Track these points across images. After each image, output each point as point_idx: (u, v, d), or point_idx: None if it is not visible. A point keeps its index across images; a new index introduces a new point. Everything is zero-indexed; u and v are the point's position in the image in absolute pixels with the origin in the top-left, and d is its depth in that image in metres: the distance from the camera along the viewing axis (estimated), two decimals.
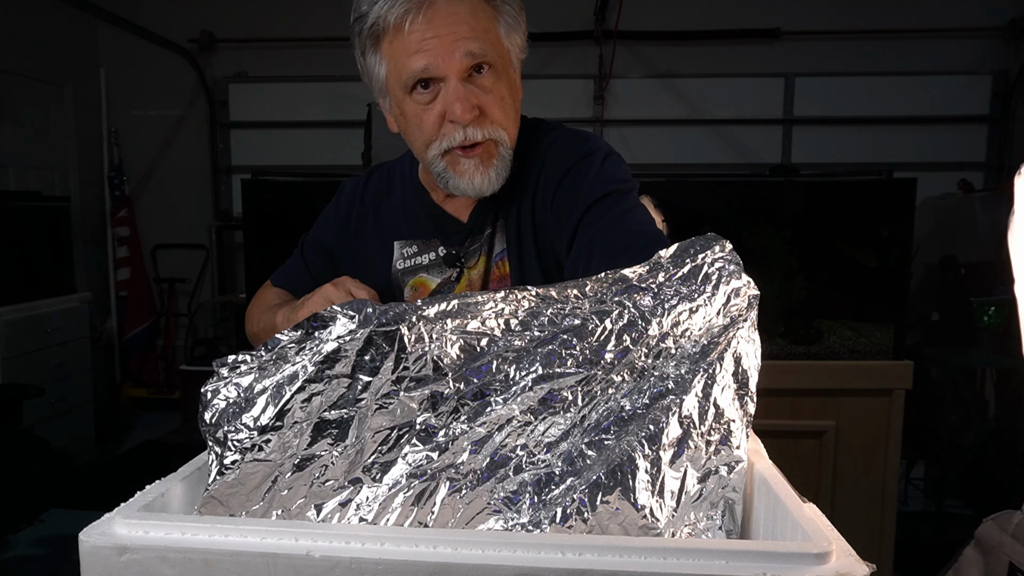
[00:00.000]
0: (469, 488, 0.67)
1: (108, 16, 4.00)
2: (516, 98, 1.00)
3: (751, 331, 0.70)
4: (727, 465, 0.67)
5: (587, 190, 0.98)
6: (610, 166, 1.02)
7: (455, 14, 0.90)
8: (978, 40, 4.29)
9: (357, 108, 3.36)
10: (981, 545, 1.21)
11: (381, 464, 0.67)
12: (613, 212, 0.96)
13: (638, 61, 4.50)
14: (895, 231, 2.59)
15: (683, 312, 0.70)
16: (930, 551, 2.76)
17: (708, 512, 0.66)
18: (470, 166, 0.97)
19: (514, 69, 0.99)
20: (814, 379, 2.37)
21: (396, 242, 1.11)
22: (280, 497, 0.68)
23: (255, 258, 3.04)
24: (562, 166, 1.02)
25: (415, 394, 0.68)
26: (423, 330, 0.68)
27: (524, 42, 0.99)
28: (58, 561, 2.80)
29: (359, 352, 0.67)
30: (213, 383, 0.69)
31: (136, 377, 4.90)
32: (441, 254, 1.08)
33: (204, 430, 0.69)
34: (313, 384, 0.67)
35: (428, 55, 0.90)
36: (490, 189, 0.99)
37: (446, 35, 0.90)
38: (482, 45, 0.92)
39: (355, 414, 0.67)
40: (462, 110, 0.92)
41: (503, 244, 1.05)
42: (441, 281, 1.08)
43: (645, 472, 0.64)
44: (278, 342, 0.69)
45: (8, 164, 4.13)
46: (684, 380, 0.68)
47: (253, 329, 1.11)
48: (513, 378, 0.69)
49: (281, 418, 0.67)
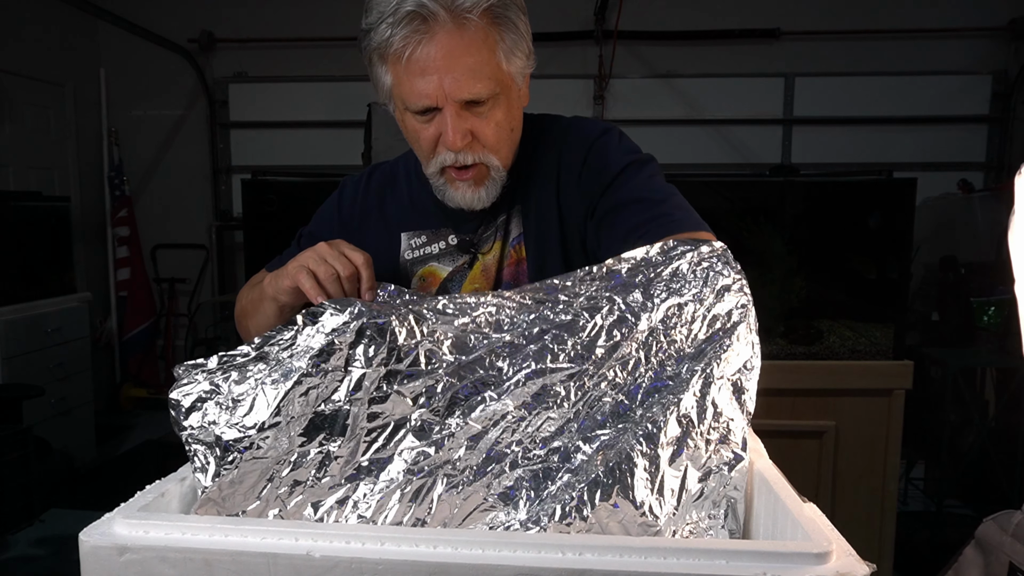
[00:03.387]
0: (466, 484, 0.67)
1: (108, 16, 4.00)
2: (515, 115, 1.02)
3: (748, 331, 0.70)
4: (728, 464, 0.67)
5: (614, 160, 1.04)
6: (628, 140, 1.08)
7: (454, 50, 0.91)
8: (978, 40, 4.28)
9: (357, 108, 3.36)
10: (981, 545, 1.21)
11: (377, 461, 0.67)
12: (640, 176, 1.02)
13: (638, 61, 4.50)
14: (895, 231, 2.60)
15: (671, 307, 0.70)
16: (930, 551, 2.76)
17: (711, 511, 0.66)
18: (462, 186, 1.02)
19: (517, 86, 1.00)
20: (814, 379, 2.37)
21: (403, 233, 1.13)
22: (277, 495, 0.68)
23: (255, 258, 3.04)
24: (583, 145, 1.06)
25: (408, 388, 0.67)
26: (414, 325, 0.68)
27: (528, 58, 0.99)
28: (58, 561, 2.80)
29: (351, 346, 0.67)
30: (179, 388, 0.68)
31: (136, 377, 4.90)
32: (452, 242, 1.10)
33: (187, 435, 0.68)
34: (306, 379, 0.67)
35: (425, 96, 0.93)
36: (481, 205, 1.04)
37: (444, 74, 0.92)
38: (477, 86, 0.93)
39: (349, 410, 0.67)
40: (454, 140, 0.96)
41: (519, 229, 1.08)
42: (453, 269, 1.10)
43: (643, 470, 0.64)
44: (257, 342, 0.69)
45: (8, 164, 4.13)
46: (681, 379, 0.68)
47: (240, 304, 1.11)
48: (506, 373, 0.69)
49: (274, 415, 0.67)
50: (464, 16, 0.90)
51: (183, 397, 0.69)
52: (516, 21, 0.95)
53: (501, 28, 0.94)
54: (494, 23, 0.93)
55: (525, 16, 0.98)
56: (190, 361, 0.70)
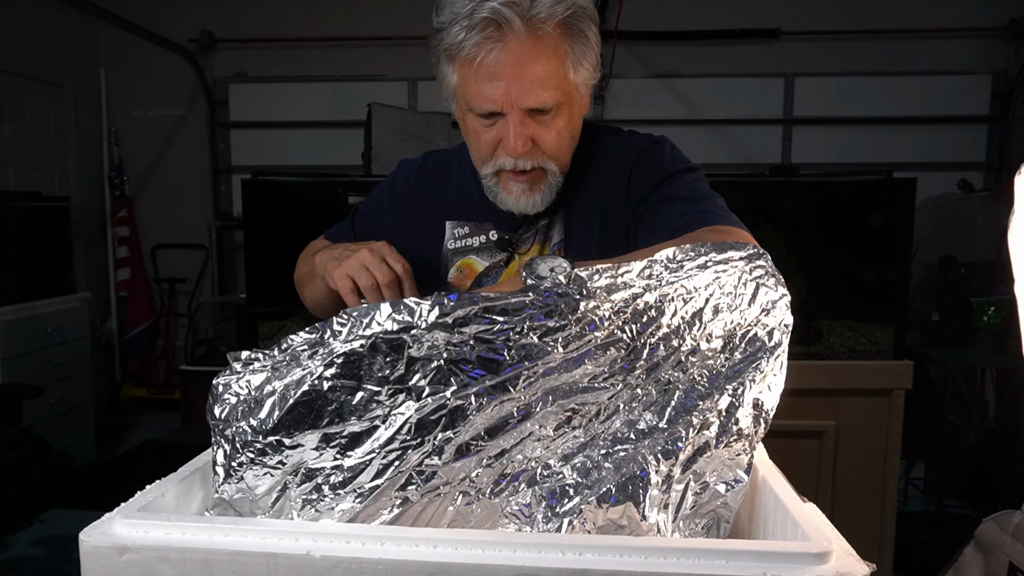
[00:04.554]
0: (481, 500, 0.66)
1: (108, 16, 4.00)
2: (576, 124, 1.03)
3: (784, 352, 0.70)
4: (726, 483, 0.67)
5: (665, 166, 1.06)
6: (679, 152, 1.10)
7: (525, 59, 0.92)
8: (978, 40, 4.28)
9: (357, 108, 3.36)
10: (981, 545, 1.21)
11: (391, 478, 0.66)
12: (686, 179, 1.04)
13: (638, 61, 4.50)
14: (895, 231, 2.59)
15: (717, 325, 0.69)
16: (930, 551, 2.76)
17: (695, 520, 0.66)
18: (518, 189, 1.02)
19: (580, 97, 1.01)
20: (814, 379, 2.37)
21: (448, 222, 1.14)
22: (289, 507, 0.67)
23: (255, 258, 3.03)
24: (634, 153, 1.08)
25: (427, 407, 0.65)
26: (439, 338, 0.66)
27: (595, 69, 1.00)
28: (58, 561, 2.80)
29: (368, 359, 0.65)
30: (225, 376, 0.68)
31: (136, 377, 4.90)
32: (493, 238, 1.11)
33: (213, 424, 0.68)
34: (321, 391, 0.65)
35: (491, 100, 0.94)
36: (534, 210, 1.04)
37: (512, 82, 0.92)
38: (544, 96, 0.94)
39: (365, 425, 0.66)
40: (515, 146, 0.96)
41: (561, 235, 1.09)
42: (490, 264, 1.11)
43: (656, 488, 0.64)
44: (291, 344, 0.68)
45: (8, 164, 4.12)
46: (711, 398, 0.67)
47: (297, 272, 1.16)
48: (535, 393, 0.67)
49: (289, 424, 0.65)
50: (539, 26, 0.91)
51: (221, 387, 0.68)
52: (588, 33, 0.96)
53: (572, 39, 0.95)
54: (566, 34, 0.94)
55: (596, 27, 0.98)
56: (241, 352, 0.69)
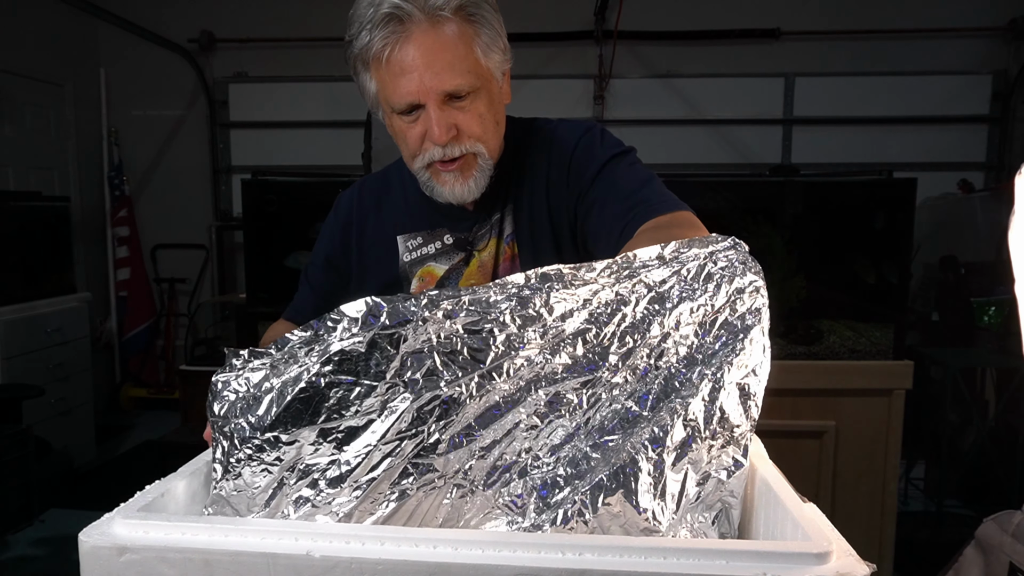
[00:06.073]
0: (475, 492, 0.66)
1: (108, 16, 4.01)
2: (497, 109, 1.06)
3: (762, 334, 0.69)
4: (727, 469, 0.67)
5: (598, 155, 1.09)
6: (611, 136, 1.15)
7: (432, 47, 0.95)
8: (978, 40, 4.28)
9: (357, 108, 3.36)
10: (981, 545, 1.21)
11: (387, 471, 0.66)
12: (620, 167, 1.08)
13: (638, 61, 4.50)
14: (895, 231, 2.60)
15: (686, 310, 0.70)
16: (930, 551, 2.76)
17: (704, 514, 0.66)
18: (451, 178, 1.05)
19: (496, 81, 1.04)
20: (814, 379, 2.37)
21: (399, 236, 1.16)
22: (286, 504, 0.67)
23: (255, 258, 3.03)
24: (570, 144, 1.11)
25: (421, 399, 0.66)
26: (431, 332, 0.67)
27: (505, 53, 1.04)
28: (58, 561, 2.80)
29: (364, 355, 0.66)
30: (224, 373, 0.68)
31: (136, 377, 4.90)
32: (448, 241, 1.14)
33: (212, 420, 0.68)
34: (318, 388, 0.65)
35: (408, 93, 0.97)
36: (471, 196, 1.07)
37: (424, 70, 0.96)
38: (457, 79, 0.97)
39: (360, 420, 0.66)
40: (439, 134, 0.99)
41: (512, 227, 1.13)
42: (450, 267, 1.13)
43: (648, 475, 0.64)
44: (287, 341, 0.68)
45: (8, 164, 4.13)
46: (692, 383, 0.68)
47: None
48: (519, 383, 0.68)
49: (287, 421, 0.66)
50: (438, 15, 0.95)
51: (220, 384, 0.68)
52: (488, 16, 1.00)
53: (476, 25, 0.98)
54: (469, 20, 0.97)
55: (498, 13, 1.02)
56: (241, 350, 0.70)
